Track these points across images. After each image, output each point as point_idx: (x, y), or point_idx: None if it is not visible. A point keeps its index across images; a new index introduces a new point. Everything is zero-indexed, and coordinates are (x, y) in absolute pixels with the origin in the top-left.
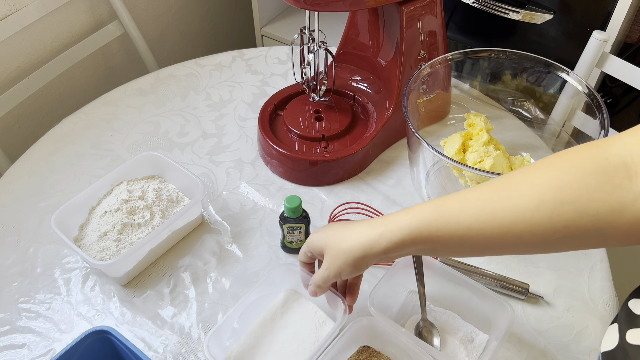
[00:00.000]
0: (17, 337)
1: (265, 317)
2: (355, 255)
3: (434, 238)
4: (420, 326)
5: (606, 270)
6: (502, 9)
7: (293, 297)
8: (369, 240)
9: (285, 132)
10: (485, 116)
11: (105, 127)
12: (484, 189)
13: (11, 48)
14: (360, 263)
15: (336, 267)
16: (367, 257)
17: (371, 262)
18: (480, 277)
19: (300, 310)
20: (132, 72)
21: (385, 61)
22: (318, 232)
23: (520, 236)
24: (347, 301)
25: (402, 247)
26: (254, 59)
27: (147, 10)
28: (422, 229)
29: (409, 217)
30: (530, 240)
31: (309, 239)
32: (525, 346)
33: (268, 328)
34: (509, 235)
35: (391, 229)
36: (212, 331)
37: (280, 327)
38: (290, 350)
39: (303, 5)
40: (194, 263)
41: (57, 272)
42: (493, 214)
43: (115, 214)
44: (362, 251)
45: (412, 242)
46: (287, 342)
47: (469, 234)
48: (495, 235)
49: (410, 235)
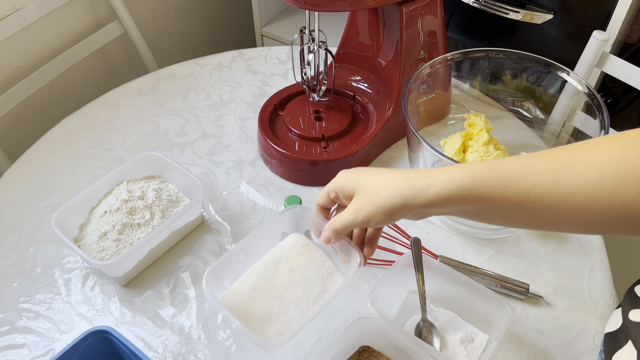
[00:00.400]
0: (17, 337)
1: (269, 259)
2: (394, 202)
3: (486, 198)
4: (420, 326)
5: (606, 270)
6: (502, 9)
7: (301, 242)
8: (413, 188)
9: (285, 132)
10: (485, 116)
11: (105, 127)
12: (545, 156)
13: (11, 48)
14: (397, 212)
15: (367, 211)
16: (407, 207)
17: (409, 213)
18: (480, 277)
19: (307, 257)
20: (132, 72)
21: (385, 61)
22: (349, 172)
23: (576, 209)
24: (365, 252)
25: (448, 203)
26: (254, 59)
27: (147, 10)
28: (476, 185)
29: (462, 172)
30: (584, 215)
31: (337, 178)
32: (525, 346)
33: (271, 271)
34: (565, 207)
35: (441, 181)
36: (212, 266)
37: (284, 271)
38: (293, 298)
39: (303, 5)
40: (194, 263)
41: (57, 272)
42: (553, 182)
43: (115, 214)
44: (404, 199)
45: (462, 199)
46: (291, 289)
47: (525, 199)
48: (551, 205)
49: (462, 191)
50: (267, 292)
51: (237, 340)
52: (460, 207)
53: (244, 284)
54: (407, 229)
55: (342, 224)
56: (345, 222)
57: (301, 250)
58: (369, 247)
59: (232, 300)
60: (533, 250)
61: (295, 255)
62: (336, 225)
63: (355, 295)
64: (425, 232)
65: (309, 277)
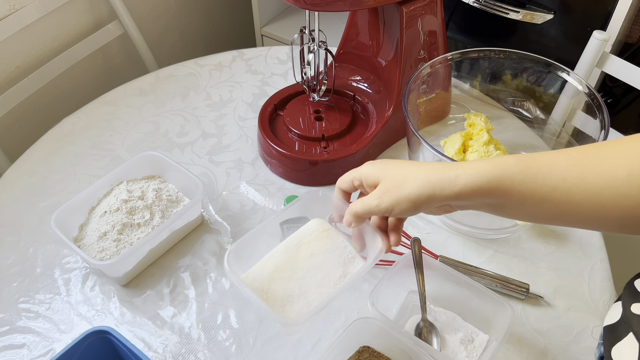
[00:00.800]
0: (17, 337)
1: (291, 242)
2: (421, 192)
3: (514, 192)
4: (420, 326)
5: (606, 270)
6: (503, 8)
7: (323, 227)
8: (441, 179)
9: (285, 132)
10: (486, 116)
11: (105, 127)
12: (573, 152)
13: (11, 48)
14: (423, 202)
15: (392, 199)
16: (434, 198)
17: (435, 204)
18: (480, 277)
19: (329, 241)
20: (132, 72)
21: (386, 61)
22: (375, 163)
23: (604, 206)
24: (391, 240)
25: (476, 195)
26: (254, 59)
27: (147, 10)
28: (504, 178)
29: (490, 165)
30: (611, 212)
31: (362, 167)
32: (525, 346)
33: (292, 254)
34: (592, 203)
35: (470, 173)
36: (233, 245)
37: (305, 254)
38: (313, 281)
39: (303, 5)
40: (194, 263)
41: (56, 272)
42: (581, 177)
43: (115, 214)
44: (431, 189)
45: (490, 192)
46: (312, 272)
47: (552, 194)
48: (578, 200)
49: (490, 184)
50: (288, 274)
51: (237, 340)
52: (486, 201)
53: (265, 265)
54: (407, 229)
55: (363, 208)
56: (367, 207)
57: (323, 235)
58: (395, 235)
59: (253, 281)
60: (533, 250)
61: (316, 239)
62: (357, 209)
63: (355, 295)
64: (425, 232)
65: (330, 260)
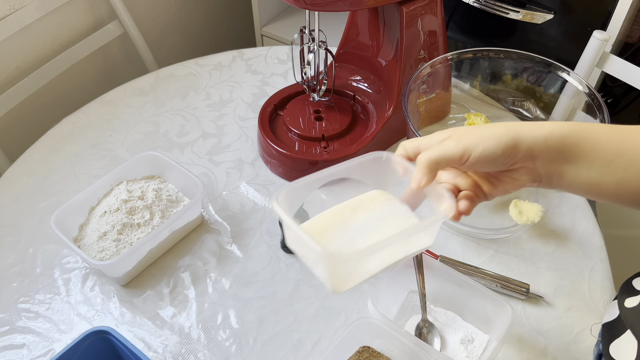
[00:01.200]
0: (17, 337)
1: (346, 205)
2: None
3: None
4: (420, 326)
5: (606, 270)
6: (503, 8)
7: (384, 196)
8: (525, 124)
9: (285, 132)
10: (486, 116)
11: (105, 127)
12: None
13: (11, 48)
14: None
15: (473, 138)
16: (522, 138)
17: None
18: (480, 277)
19: (389, 209)
20: (131, 72)
21: (386, 61)
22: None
23: None
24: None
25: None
26: (254, 58)
27: (147, 10)
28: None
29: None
30: None
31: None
32: (525, 346)
33: (347, 216)
34: None
35: (555, 124)
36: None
37: (361, 218)
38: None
39: (303, 5)
40: (194, 263)
41: (56, 272)
42: None
43: (115, 214)
44: (518, 129)
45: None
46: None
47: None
48: None
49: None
50: (339, 235)
51: (237, 340)
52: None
53: (315, 222)
54: None
55: (436, 153)
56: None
57: (383, 203)
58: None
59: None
60: (533, 250)
61: (376, 206)
62: (429, 155)
63: (356, 296)
64: None
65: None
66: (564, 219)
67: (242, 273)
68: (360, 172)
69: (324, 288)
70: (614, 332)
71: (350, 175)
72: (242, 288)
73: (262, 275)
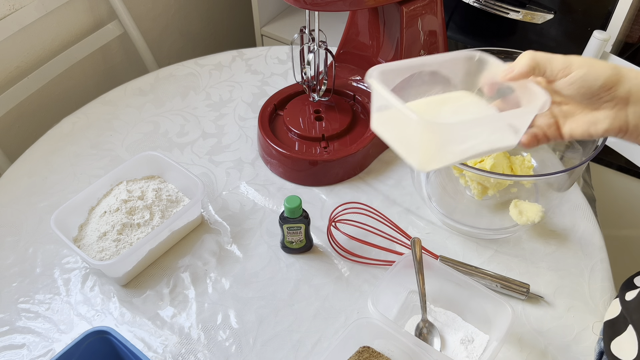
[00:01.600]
0: (17, 337)
1: (434, 99)
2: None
3: None
4: (420, 326)
5: (607, 270)
6: (503, 8)
7: (471, 97)
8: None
9: (285, 132)
10: None
11: (104, 127)
12: None
13: (11, 48)
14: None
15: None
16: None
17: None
18: (480, 278)
19: (476, 109)
20: (131, 72)
21: (386, 61)
22: None
23: None
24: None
25: None
26: (254, 58)
27: (147, 10)
28: None
29: None
30: None
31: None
32: (525, 346)
33: (433, 108)
34: None
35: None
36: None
37: (448, 110)
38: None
39: (303, 5)
40: (194, 263)
41: (56, 272)
42: None
43: (115, 214)
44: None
45: None
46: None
47: None
48: None
49: None
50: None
51: (237, 340)
52: None
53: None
54: (407, 229)
55: (543, 54)
56: (550, 55)
57: (470, 104)
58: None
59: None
60: (533, 250)
61: (462, 104)
62: (535, 53)
63: (356, 296)
64: (426, 232)
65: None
66: (564, 219)
67: (242, 273)
68: (450, 67)
69: (324, 288)
70: (616, 329)
71: (440, 68)
72: (242, 288)
73: (262, 275)
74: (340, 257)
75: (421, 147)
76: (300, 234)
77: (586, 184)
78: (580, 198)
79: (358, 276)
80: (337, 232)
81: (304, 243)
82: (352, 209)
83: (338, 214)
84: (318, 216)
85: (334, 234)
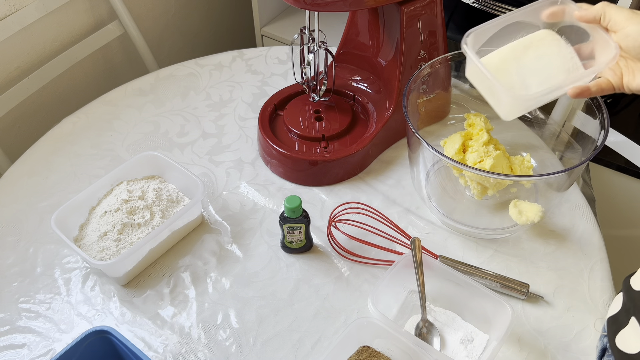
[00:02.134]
0: (17, 337)
1: (519, 43)
2: None
3: None
4: (420, 326)
5: (606, 270)
6: (502, 9)
7: (552, 36)
8: None
9: (285, 132)
10: (485, 116)
11: (105, 127)
12: None
13: (11, 48)
14: None
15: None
16: None
17: None
18: (480, 277)
19: (556, 49)
20: (132, 72)
21: (385, 61)
22: None
23: None
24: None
25: None
26: (254, 59)
27: (147, 10)
28: None
29: None
30: None
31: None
32: (525, 346)
33: (519, 53)
34: None
35: None
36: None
37: (532, 56)
38: (536, 80)
39: (303, 5)
40: (194, 263)
41: (57, 272)
42: None
43: (115, 214)
44: None
45: None
46: (536, 72)
47: None
48: None
49: None
50: (513, 70)
51: (237, 340)
52: None
53: (494, 57)
54: (407, 229)
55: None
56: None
57: (551, 43)
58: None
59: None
60: (533, 250)
61: (544, 45)
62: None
63: (356, 295)
64: (425, 232)
65: (554, 66)
66: (563, 219)
67: (242, 273)
68: (534, 15)
69: (324, 288)
70: (619, 323)
71: (525, 18)
72: (242, 288)
73: (262, 275)
74: (340, 257)
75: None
76: (300, 234)
77: (586, 184)
78: (579, 198)
79: (358, 276)
80: (337, 232)
81: (304, 243)
82: (352, 209)
83: (338, 213)
84: (318, 216)
85: (334, 234)
